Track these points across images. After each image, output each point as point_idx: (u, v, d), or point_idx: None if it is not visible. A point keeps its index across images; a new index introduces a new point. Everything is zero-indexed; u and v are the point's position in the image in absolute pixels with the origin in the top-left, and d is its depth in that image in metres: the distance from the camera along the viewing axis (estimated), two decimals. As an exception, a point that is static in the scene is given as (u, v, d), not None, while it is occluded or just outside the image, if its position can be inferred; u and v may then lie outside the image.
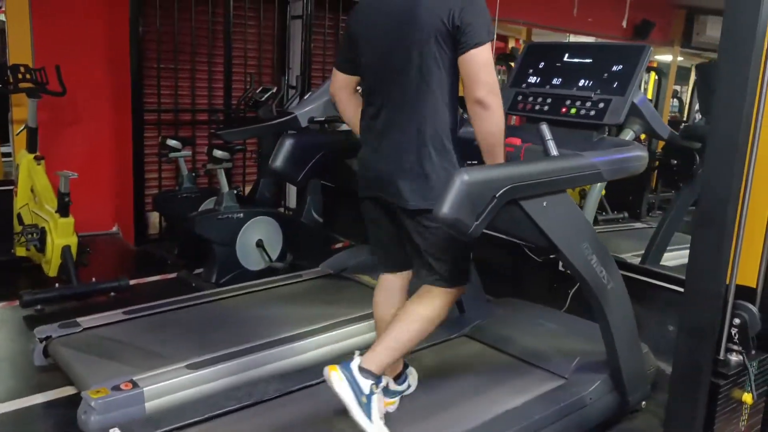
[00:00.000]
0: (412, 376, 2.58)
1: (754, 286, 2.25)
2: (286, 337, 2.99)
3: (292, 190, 5.77)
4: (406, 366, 2.53)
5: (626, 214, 6.08)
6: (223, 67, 5.33)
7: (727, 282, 2.07)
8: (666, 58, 8.89)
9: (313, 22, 5.47)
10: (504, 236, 1.97)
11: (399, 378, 2.48)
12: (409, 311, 2.22)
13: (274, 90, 4.78)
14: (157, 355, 2.78)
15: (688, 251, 4.87)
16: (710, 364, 2.06)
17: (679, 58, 8.79)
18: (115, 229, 5.22)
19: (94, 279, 3.83)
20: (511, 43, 7.56)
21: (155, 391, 2.50)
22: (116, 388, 2.46)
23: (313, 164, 2.60)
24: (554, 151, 2.20)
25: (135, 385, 2.49)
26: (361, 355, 2.17)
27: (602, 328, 2.48)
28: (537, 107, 2.71)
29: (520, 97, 2.80)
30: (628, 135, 4.12)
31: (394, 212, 2.28)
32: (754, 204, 2.15)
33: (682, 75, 9.15)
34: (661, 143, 5.59)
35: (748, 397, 2.19)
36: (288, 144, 2.60)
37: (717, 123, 1.88)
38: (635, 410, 2.83)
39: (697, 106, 6.82)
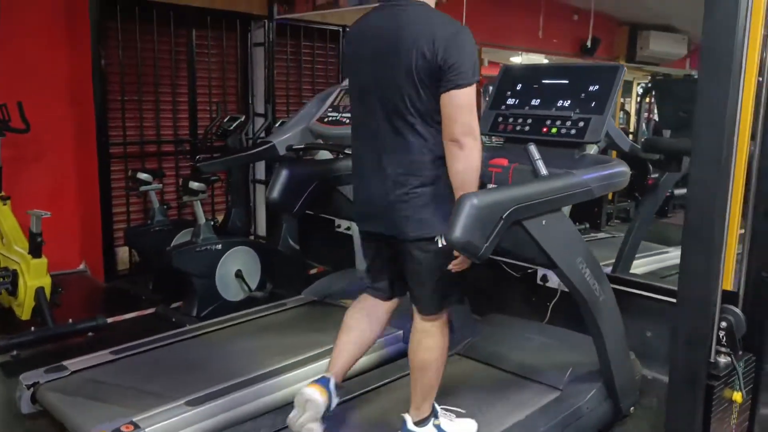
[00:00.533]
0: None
1: (736, 291, 2.39)
2: (281, 367, 2.98)
3: (261, 219, 5.75)
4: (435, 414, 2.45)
5: (587, 225, 6.28)
6: (188, 96, 5.29)
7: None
8: (611, 72, 9.24)
9: (276, 49, 5.49)
10: (506, 257, 2.04)
11: (339, 389, 2.43)
12: (419, 360, 2.32)
13: (243, 119, 4.78)
14: (153, 394, 2.72)
15: (655, 258, 5.08)
16: (706, 368, 2.17)
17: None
18: (82, 266, 5.08)
19: (70, 320, 3.72)
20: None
21: (156, 430, 2.47)
22: (117, 431, 2.41)
23: (308, 194, 2.62)
24: (544, 171, 2.30)
25: (136, 426, 2.45)
26: (407, 412, 2.34)
27: (595, 338, 2.58)
28: (518, 128, 2.81)
29: (500, 119, 2.90)
30: (592, 150, 4.30)
31: (389, 242, 2.29)
32: (731, 214, 2.29)
33: (627, 88, 9.55)
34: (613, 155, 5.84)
35: (738, 396, 2.30)
36: (284, 175, 2.62)
37: (700, 142, 2.00)
38: (625, 416, 2.93)
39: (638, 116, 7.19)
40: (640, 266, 4.44)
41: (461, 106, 2.02)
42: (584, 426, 2.62)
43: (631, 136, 8.19)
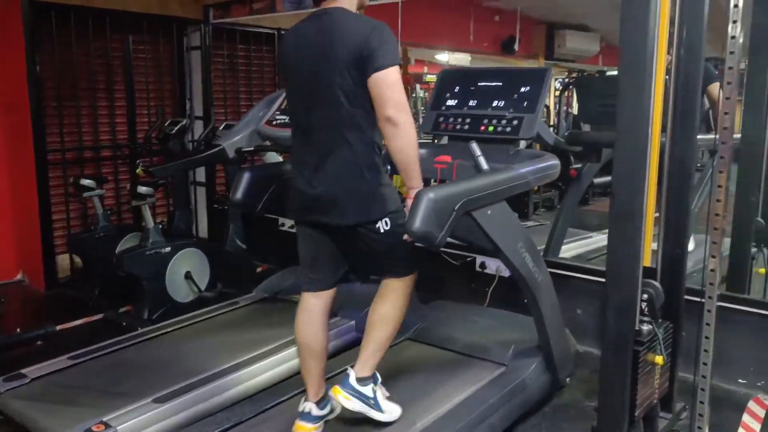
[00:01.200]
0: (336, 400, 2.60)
1: (652, 265, 2.71)
2: (242, 362, 3.10)
3: (202, 221, 5.79)
4: (326, 391, 2.57)
5: (516, 215, 6.63)
6: (125, 101, 5.28)
7: (637, 266, 2.49)
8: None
9: (212, 52, 5.53)
10: (460, 243, 2.25)
11: (321, 402, 2.54)
12: (381, 314, 2.46)
13: (184, 123, 4.82)
14: (119, 394, 2.79)
15: (580, 242, 5.43)
16: (632, 335, 2.45)
17: (543, 68, 9.65)
18: (20, 276, 4.99)
19: (18, 329, 3.71)
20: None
21: (129, 428, 2.55)
22: (89, 431, 2.48)
23: (268, 195, 2.76)
24: (485, 166, 2.54)
25: (107, 425, 2.52)
26: (351, 367, 2.44)
27: (535, 316, 2.84)
28: (458, 127, 3.04)
29: (441, 119, 3.12)
30: (521, 144, 4.61)
31: (332, 233, 2.44)
32: (648, 199, 2.60)
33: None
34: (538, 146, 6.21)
35: (659, 359, 2.60)
36: (246, 178, 2.76)
37: (623, 133, 2.28)
38: (562, 386, 3.22)
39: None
40: (567, 251, 4.80)
41: (389, 84, 2.18)
42: (528, 396, 2.89)
43: (552, 129, 8.67)
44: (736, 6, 2.37)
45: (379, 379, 2.52)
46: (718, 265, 2.49)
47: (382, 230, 2.34)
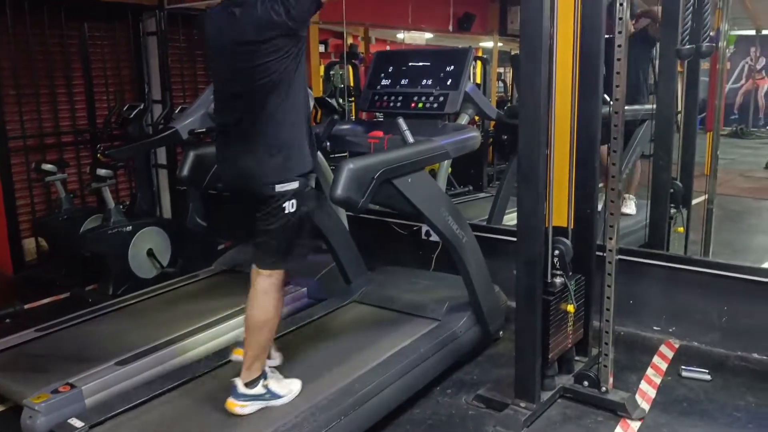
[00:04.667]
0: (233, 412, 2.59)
1: (566, 226, 3.02)
2: (199, 327, 3.37)
3: (165, 202, 5.98)
4: (264, 375, 2.59)
5: (471, 188, 6.93)
6: (84, 87, 5.43)
7: (546, 225, 2.79)
8: (488, 45, 9.99)
9: (169, 37, 5.67)
10: (385, 208, 2.51)
11: (252, 384, 2.55)
12: (253, 321, 2.51)
13: (142, 107, 5.00)
14: (83, 360, 3.02)
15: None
16: (542, 286, 2.76)
17: (500, 44, 9.91)
18: (-13, 260, 5.16)
19: (-14, 308, 3.91)
20: (350, 40, 8.06)
21: (92, 387, 2.79)
22: (55, 391, 2.70)
23: (213, 172, 2.98)
24: (411, 139, 2.82)
25: (72, 386, 2.75)
26: (237, 376, 2.53)
27: (462, 274, 3.14)
28: (391, 104, 3.30)
29: (376, 97, 3.38)
30: (464, 119, 4.89)
31: (254, 204, 2.49)
32: (558, 166, 2.89)
33: (504, 59, 10.31)
34: (493, 122, 6.49)
35: (570, 307, 2.92)
36: (191, 156, 2.98)
37: (523, 104, 2.57)
38: (496, 339, 3.54)
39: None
40: (511, 219, 5.10)
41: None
42: (459, 346, 3.20)
43: (509, 103, 8.96)
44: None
45: (267, 371, 2.58)
46: (617, 221, 2.79)
47: (286, 210, 2.41)
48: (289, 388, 2.61)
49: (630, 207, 5.09)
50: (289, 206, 2.42)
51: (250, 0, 2.31)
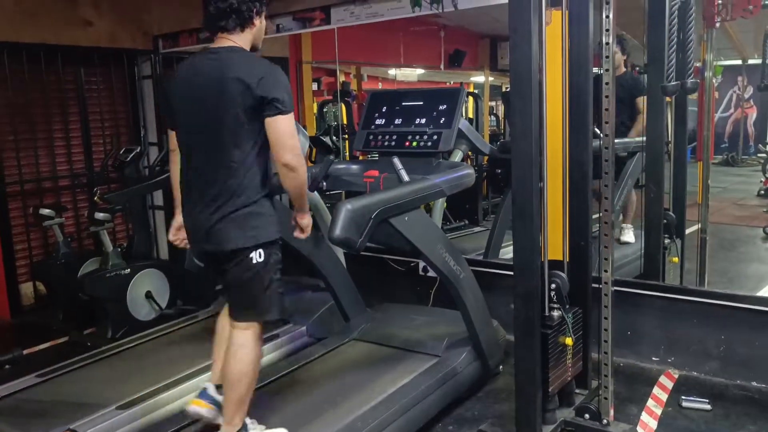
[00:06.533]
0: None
1: (561, 259, 3.05)
2: (200, 368, 3.36)
3: (162, 243, 6.00)
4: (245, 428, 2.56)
5: (467, 222, 6.99)
6: (81, 131, 5.50)
7: (542, 259, 2.82)
8: (479, 79, 10.18)
9: (164, 80, 5.77)
10: (382, 247, 2.55)
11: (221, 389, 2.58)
12: (232, 373, 2.47)
13: (138, 150, 5.06)
14: (85, 404, 3.01)
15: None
16: (540, 320, 2.78)
17: (491, 79, 10.11)
18: (-16, 306, 5.15)
19: (-15, 356, 3.90)
20: (342, 77, 8.21)
21: (94, 433, 2.80)
22: (58, 438, 2.72)
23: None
24: (406, 178, 2.87)
25: (74, 432, 2.77)
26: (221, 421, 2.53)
27: (461, 309, 3.17)
28: (386, 143, 3.36)
29: (371, 137, 3.44)
30: (458, 155, 4.97)
31: (219, 260, 2.51)
32: (552, 199, 2.94)
33: (495, 93, 10.51)
34: (486, 156, 6.58)
35: (569, 340, 2.93)
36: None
37: (516, 141, 2.62)
38: (496, 374, 3.55)
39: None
40: (508, 253, 5.14)
41: (286, 132, 2.33)
42: (460, 381, 3.20)
43: (502, 137, 9.09)
44: (608, 17, 2.71)
45: (249, 424, 2.55)
46: (611, 254, 2.83)
47: (254, 260, 2.41)
48: None
49: (629, 236, 5.13)
50: (257, 256, 2.41)
51: None
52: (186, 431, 2.75)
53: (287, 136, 2.34)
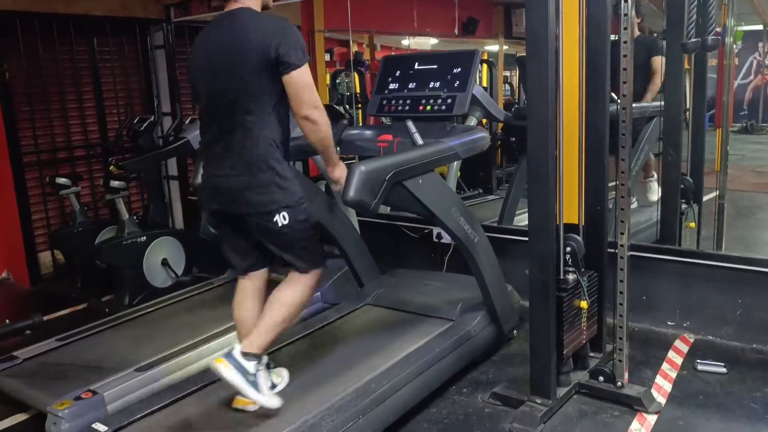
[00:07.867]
0: (276, 375, 2.71)
1: (577, 223, 3.03)
2: (215, 333, 3.41)
3: (178, 212, 6.04)
4: (260, 359, 2.54)
5: (481, 190, 6.95)
6: (94, 101, 5.51)
7: (557, 222, 2.81)
8: (494, 48, 10.03)
9: (177, 50, 5.75)
10: (397, 210, 2.54)
11: (248, 357, 2.52)
12: (279, 297, 2.55)
13: (152, 119, 5.07)
14: (104, 368, 3.08)
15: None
16: (555, 283, 2.78)
17: (505, 47, 9.94)
18: (5, 275, 5.23)
19: (7, 321, 3.97)
20: (355, 47, 8.12)
21: (114, 393, 2.85)
22: (78, 398, 2.77)
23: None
24: (420, 141, 2.85)
25: (94, 392, 2.82)
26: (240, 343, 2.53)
27: (475, 274, 3.17)
28: (400, 108, 3.34)
29: (384, 102, 3.41)
30: (472, 122, 4.92)
31: (243, 221, 2.55)
32: (567, 164, 2.91)
33: (510, 62, 10.34)
34: (501, 124, 6.51)
35: (584, 304, 2.94)
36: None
37: (532, 105, 2.59)
38: (510, 338, 3.56)
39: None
40: (523, 220, 5.12)
41: (304, 85, 2.35)
42: (474, 345, 3.21)
43: (516, 106, 8.98)
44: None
45: (265, 360, 2.54)
46: (628, 217, 2.81)
47: (279, 224, 2.44)
48: (269, 394, 2.51)
49: (654, 190, 5.04)
50: (281, 219, 2.45)
51: None
52: (204, 391, 2.79)
53: (306, 90, 2.36)
